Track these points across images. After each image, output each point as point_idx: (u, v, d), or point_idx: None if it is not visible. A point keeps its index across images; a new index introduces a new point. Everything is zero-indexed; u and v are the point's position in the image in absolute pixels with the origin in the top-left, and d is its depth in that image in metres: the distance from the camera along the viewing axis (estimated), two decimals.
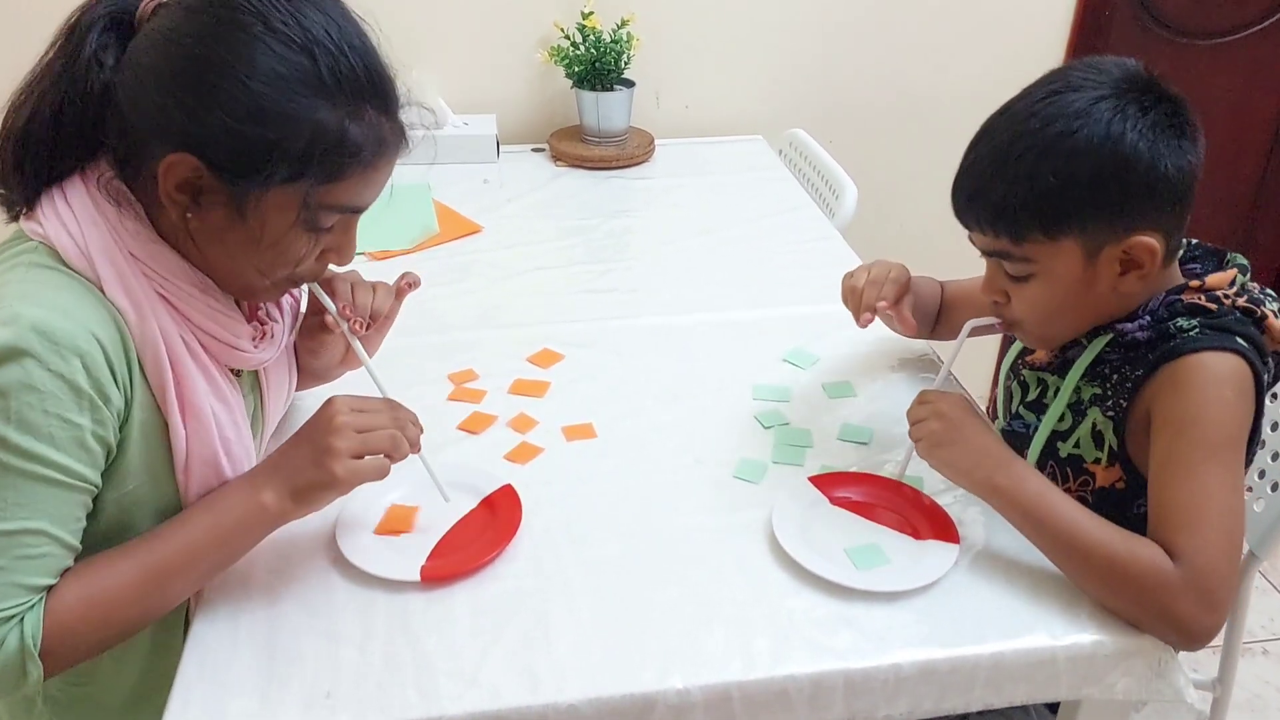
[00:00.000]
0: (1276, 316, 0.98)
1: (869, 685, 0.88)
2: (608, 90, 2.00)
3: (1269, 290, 1.02)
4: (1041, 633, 0.90)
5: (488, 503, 1.04)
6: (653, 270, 1.62)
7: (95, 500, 0.85)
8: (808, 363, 1.33)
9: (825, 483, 1.08)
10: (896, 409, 1.22)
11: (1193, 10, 2.25)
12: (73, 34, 0.84)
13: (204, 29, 0.80)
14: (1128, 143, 0.92)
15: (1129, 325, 1.00)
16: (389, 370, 1.09)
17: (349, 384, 1.21)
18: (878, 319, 1.19)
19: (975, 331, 1.08)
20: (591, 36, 1.98)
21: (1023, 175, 0.94)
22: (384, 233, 1.67)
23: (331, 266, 0.96)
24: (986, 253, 1.02)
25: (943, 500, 1.05)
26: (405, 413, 0.94)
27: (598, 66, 1.98)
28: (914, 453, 1.05)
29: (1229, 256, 1.04)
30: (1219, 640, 1.31)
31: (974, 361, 1.33)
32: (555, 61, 2.00)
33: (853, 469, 1.11)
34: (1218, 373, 0.94)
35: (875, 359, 1.34)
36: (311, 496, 0.88)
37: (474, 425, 1.19)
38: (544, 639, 0.89)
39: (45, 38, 0.87)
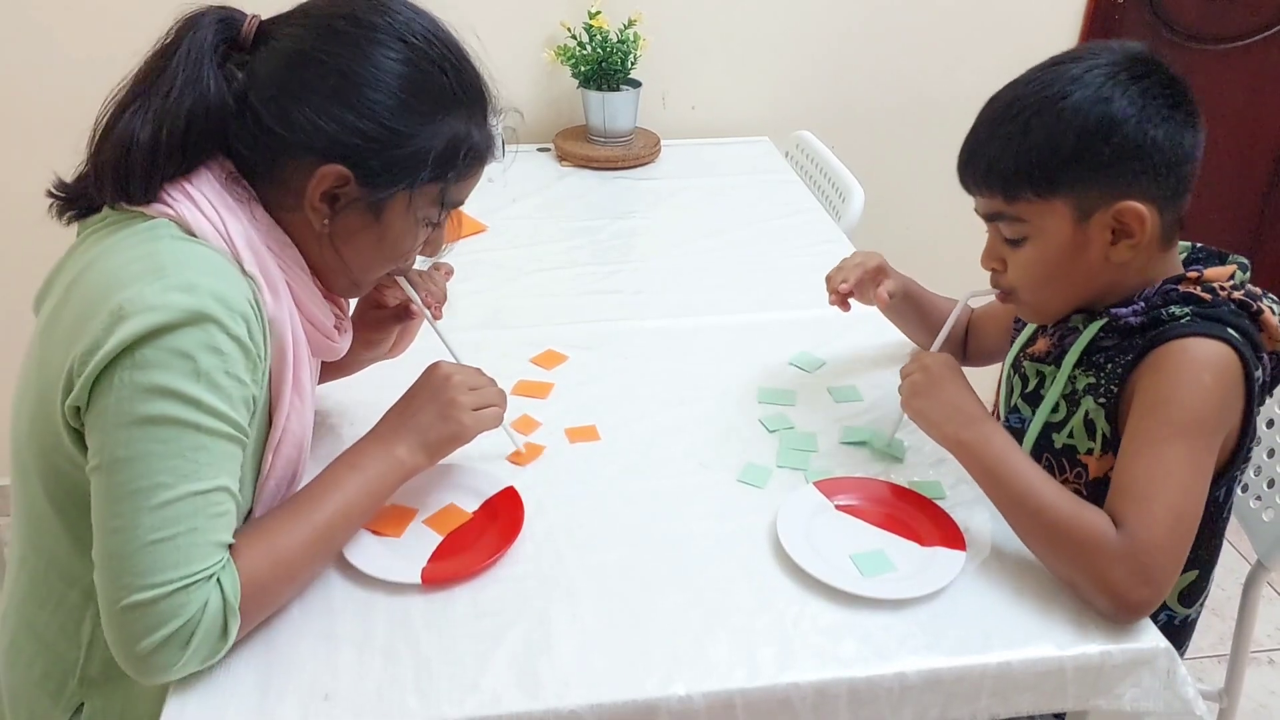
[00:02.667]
0: (1274, 315, 0.99)
1: (874, 694, 0.87)
2: (614, 90, 1.99)
3: (1270, 294, 1.02)
4: (1049, 642, 0.89)
5: (489, 505, 1.04)
6: (658, 272, 1.61)
7: None
8: (814, 366, 1.32)
9: (830, 488, 1.07)
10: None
11: (1203, 15, 2.24)
12: (188, 48, 0.87)
13: (348, 47, 0.87)
14: (1116, 106, 0.95)
15: (1123, 310, 1.01)
16: (392, 369, 1.09)
17: (348, 387, 1.20)
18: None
19: (995, 325, 1.14)
20: (598, 36, 1.97)
21: (1015, 133, 0.98)
22: None
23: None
24: (985, 216, 1.05)
25: (950, 506, 1.04)
26: (490, 376, 1.04)
27: (604, 66, 1.97)
28: (905, 416, 1.07)
29: (1230, 257, 1.05)
30: (1225, 650, 1.31)
31: (985, 372, 1.34)
32: (562, 61, 2.00)
33: (858, 474, 1.10)
34: (1199, 357, 0.95)
35: (881, 363, 1.33)
36: (441, 448, 0.99)
37: None
38: (546, 644, 0.88)
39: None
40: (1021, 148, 0.97)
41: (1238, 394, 0.96)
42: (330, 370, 1.15)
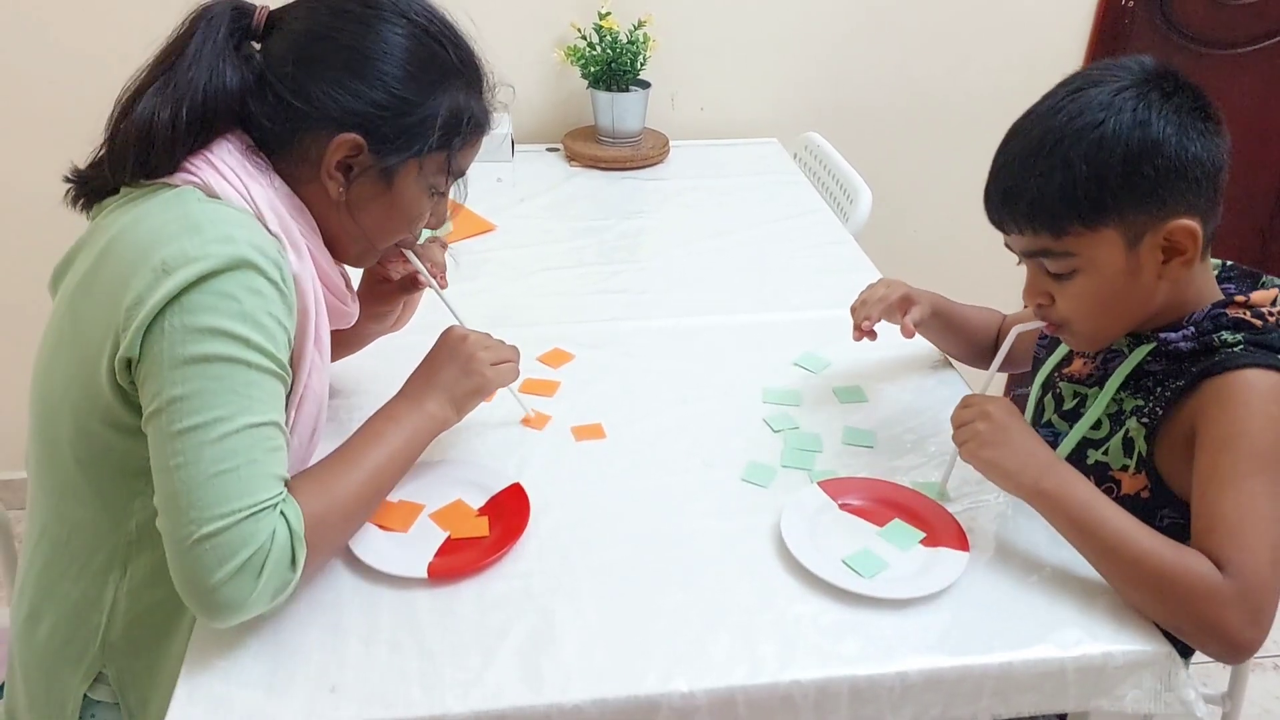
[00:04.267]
0: None
1: (875, 692, 0.87)
2: (623, 91, 2.00)
3: None
4: (1051, 643, 0.90)
5: (495, 501, 1.04)
6: (665, 272, 1.61)
7: None
8: (819, 367, 1.33)
9: (834, 488, 1.07)
10: (907, 414, 1.22)
11: (1212, 20, 2.24)
12: (204, 35, 0.93)
13: (359, 25, 0.94)
14: (1155, 126, 0.93)
15: (1173, 335, 0.99)
16: (398, 368, 1.10)
17: (354, 367, 1.21)
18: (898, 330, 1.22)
19: (1022, 338, 1.10)
20: (608, 37, 1.98)
21: (1056, 167, 0.95)
22: None
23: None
24: (1026, 254, 1.02)
25: (954, 508, 1.05)
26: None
27: (614, 67, 1.98)
28: (957, 462, 1.04)
29: (1264, 279, 1.04)
30: None
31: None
32: (571, 61, 2.00)
33: (863, 474, 1.11)
34: (1263, 390, 0.94)
35: (887, 364, 1.33)
36: (467, 400, 1.05)
37: (483, 422, 1.18)
38: (549, 639, 0.89)
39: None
40: (1065, 181, 0.94)
41: None
42: (338, 347, 1.16)
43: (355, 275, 1.15)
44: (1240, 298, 0.99)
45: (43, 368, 0.96)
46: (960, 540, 1.00)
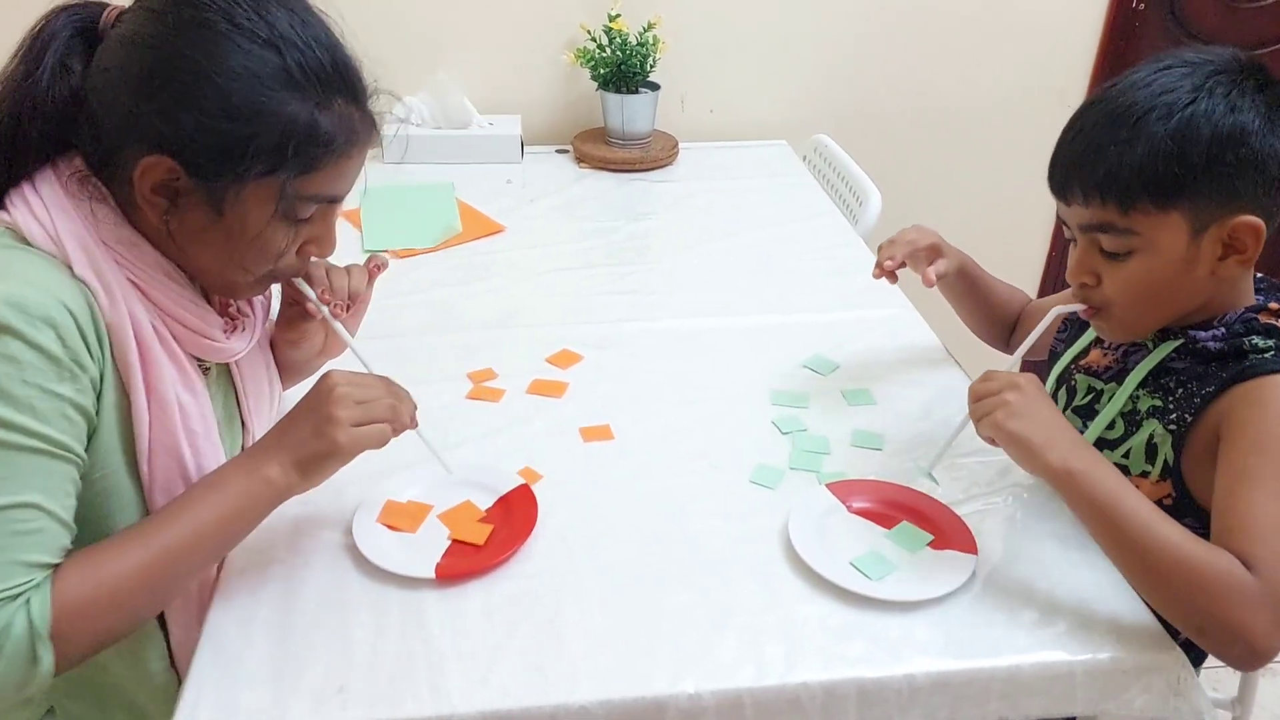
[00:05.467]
0: None
1: (882, 695, 0.87)
2: (633, 93, 2.00)
3: None
4: (1059, 647, 0.89)
5: (503, 502, 1.04)
6: (673, 274, 1.61)
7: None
8: (828, 369, 1.33)
9: (843, 490, 1.07)
10: (916, 417, 1.22)
11: (1223, 23, 2.23)
12: (34, 44, 0.85)
13: (171, 31, 0.82)
14: (1246, 115, 0.91)
15: (1202, 334, 0.98)
16: (406, 367, 1.10)
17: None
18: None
19: (1000, 292, 1.10)
20: (618, 39, 1.98)
21: (1140, 138, 0.92)
22: (407, 231, 1.68)
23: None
24: (1085, 227, 0.99)
25: (963, 511, 1.04)
26: (398, 386, 0.94)
27: (623, 69, 1.98)
28: (953, 442, 1.03)
29: None
30: None
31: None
32: (581, 63, 2.01)
33: (871, 477, 1.10)
34: None
35: (896, 366, 1.33)
36: (316, 467, 0.88)
37: (491, 423, 1.19)
38: (556, 640, 0.89)
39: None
40: (1147, 153, 0.91)
41: None
42: (286, 375, 1.13)
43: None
44: (1275, 305, 0.98)
45: None
46: (968, 543, 0.99)
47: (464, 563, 0.96)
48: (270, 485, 0.87)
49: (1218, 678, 1.82)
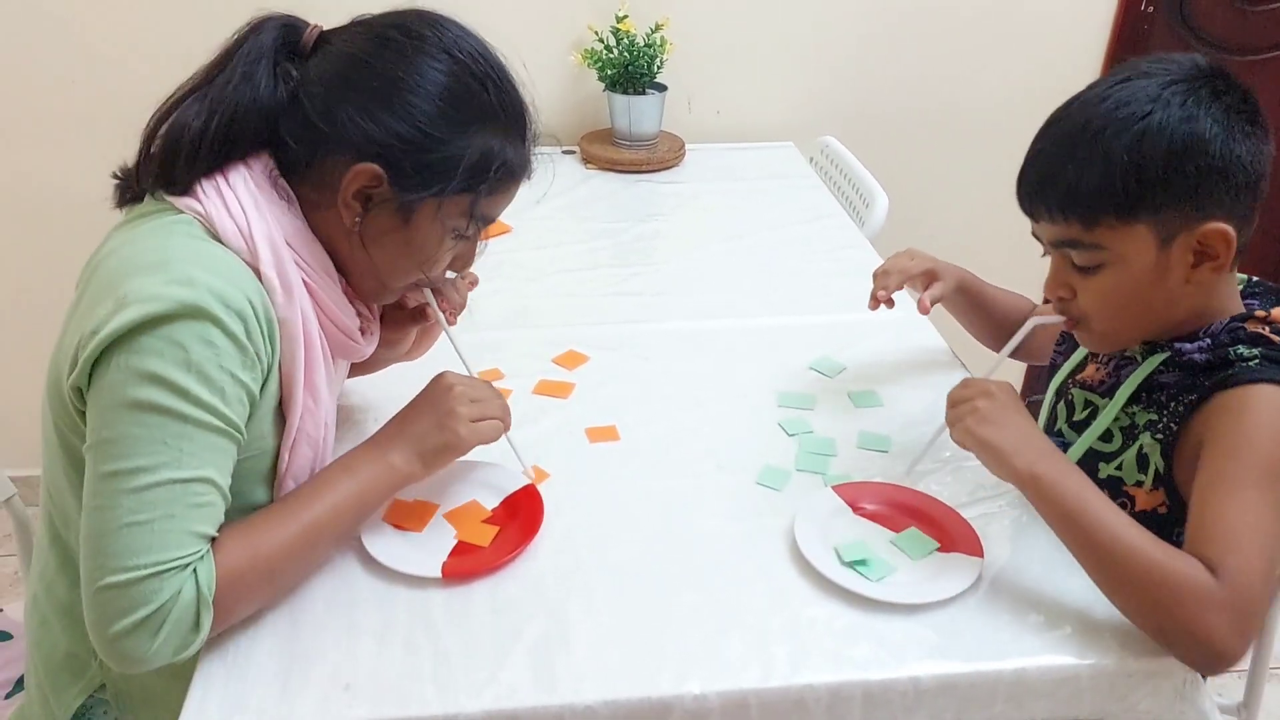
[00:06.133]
0: None
1: (887, 697, 0.87)
2: (640, 94, 2.00)
3: None
4: (1065, 650, 0.89)
5: (510, 502, 1.05)
6: (680, 275, 1.62)
7: None
8: (834, 371, 1.33)
9: (849, 492, 1.07)
10: (922, 419, 1.22)
11: (1233, 26, 2.23)
12: (249, 49, 0.92)
13: (396, 53, 0.91)
14: (1202, 124, 0.91)
15: (1188, 345, 0.98)
16: (414, 366, 1.10)
17: (374, 384, 1.22)
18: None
19: (1044, 331, 1.08)
20: (625, 40, 1.98)
21: (1097, 156, 0.93)
22: None
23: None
24: (1054, 243, 1.00)
25: (969, 513, 1.04)
26: (497, 390, 1.04)
27: (630, 70, 1.98)
28: (930, 447, 1.04)
29: None
30: (1245, 665, 1.30)
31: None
32: (588, 64, 2.01)
33: (877, 479, 1.10)
34: (1276, 405, 0.92)
35: (902, 368, 1.33)
36: (437, 458, 0.98)
37: None
38: (562, 640, 0.89)
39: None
40: (1105, 171, 0.92)
41: None
42: (353, 368, 1.16)
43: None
44: (1261, 313, 0.98)
45: (48, 376, 0.95)
46: (974, 546, 0.99)
47: (470, 562, 0.97)
48: (395, 471, 0.96)
49: (1223, 683, 1.81)
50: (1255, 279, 1.06)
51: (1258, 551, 0.86)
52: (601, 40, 2.01)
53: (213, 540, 0.85)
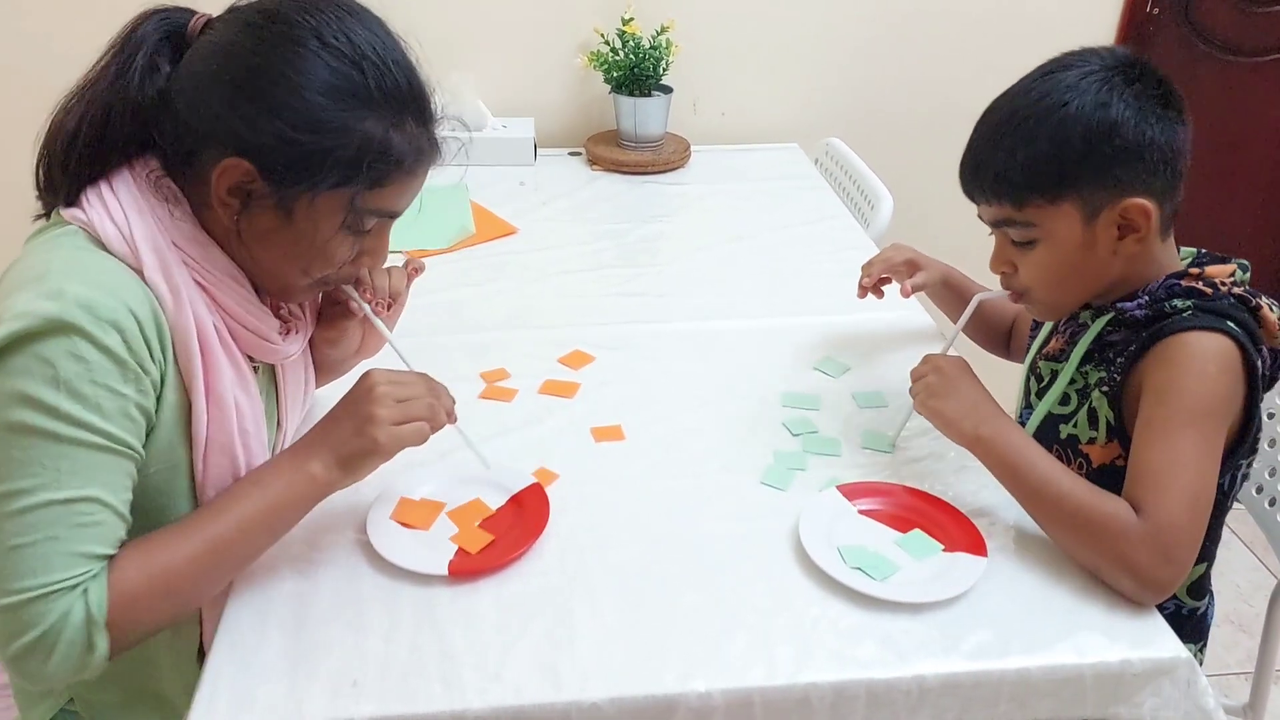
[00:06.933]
0: (1272, 311, 1.03)
1: (891, 696, 0.88)
2: (645, 96, 2.01)
3: (1268, 296, 1.06)
4: (1069, 649, 0.90)
5: (516, 501, 1.05)
6: (685, 275, 1.62)
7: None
8: (839, 371, 1.33)
9: (853, 492, 1.07)
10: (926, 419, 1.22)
11: (1238, 28, 2.23)
12: (126, 44, 0.88)
13: (262, 43, 0.85)
14: (1115, 109, 0.99)
15: (1129, 304, 1.05)
16: (420, 366, 1.10)
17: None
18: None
19: (986, 305, 1.19)
20: (631, 42, 1.99)
21: (1020, 143, 1.02)
22: (422, 233, 1.68)
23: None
24: (993, 223, 1.09)
25: (972, 513, 1.05)
26: (437, 384, 0.97)
27: (636, 72, 1.99)
28: (911, 414, 1.12)
29: (1232, 259, 1.09)
30: (1250, 666, 1.30)
31: (1006, 374, 1.35)
32: (594, 66, 2.02)
33: (881, 479, 1.11)
34: (1203, 348, 0.99)
35: (907, 369, 1.33)
36: (357, 464, 0.91)
37: (503, 423, 1.20)
38: (568, 638, 0.90)
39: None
40: (1028, 155, 1.01)
41: (1239, 383, 1.00)
42: (321, 374, 1.15)
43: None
44: (1195, 270, 1.04)
45: None
46: (978, 545, 1.00)
47: (476, 560, 0.97)
48: (314, 481, 0.90)
49: (1229, 685, 1.81)
50: (1204, 251, 1.10)
51: (1181, 488, 0.94)
52: (607, 42, 2.02)
53: (111, 559, 0.82)
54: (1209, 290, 1.02)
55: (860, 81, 2.21)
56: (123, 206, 0.86)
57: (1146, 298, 1.04)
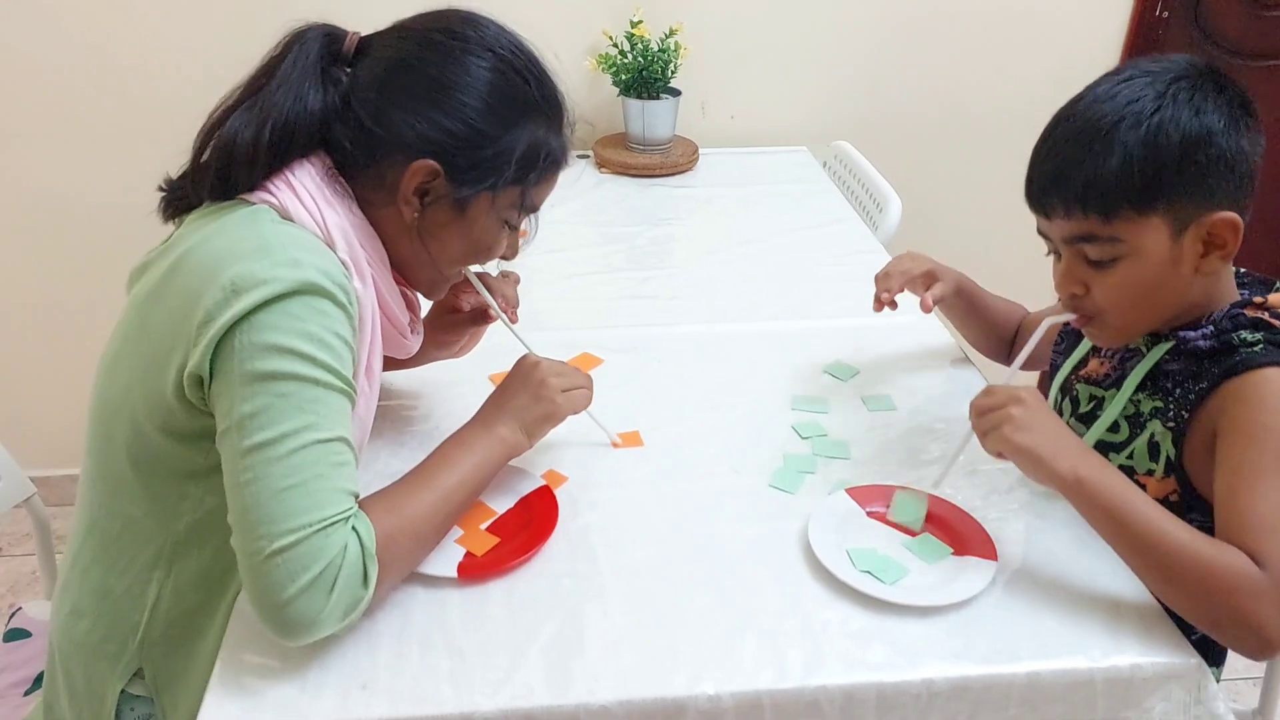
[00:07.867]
0: None
1: (901, 700, 0.87)
2: (654, 99, 2.01)
3: None
4: (1079, 654, 0.89)
5: (524, 503, 1.06)
6: (694, 278, 1.62)
7: None
8: (848, 375, 1.33)
9: (862, 495, 1.07)
10: (937, 423, 1.22)
11: (1248, 30, 2.22)
12: (292, 59, 0.96)
13: (444, 56, 0.96)
14: (1211, 117, 0.95)
15: (1191, 334, 1.00)
16: (430, 369, 1.11)
17: (409, 377, 1.23)
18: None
19: (995, 311, 1.14)
20: (639, 45, 1.99)
21: (1113, 149, 0.95)
22: None
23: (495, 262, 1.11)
24: (1067, 240, 1.01)
25: (982, 516, 1.04)
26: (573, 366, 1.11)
27: (645, 75, 1.99)
28: (957, 458, 1.05)
29: (1278, 284, 1.05)
30: (1259, 671, 1.29)
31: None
32: (603, 69, 2.02)
33: (891, 482, 1.11)
34: None
35: (916, 373, 1.33)
36: (538, 426, 1.05)
37: None
38: (577, 640, 0.90)
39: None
40: (1121, 164, 0.94)
41: None
42: (392, 363, 1.19)
43: (425, 307, 1.17)
44: (1258, 299, 1.00)
45: (106, 367, 0.98)
46: (989, 549, 0.99)
47: (485, 563, 0.97)
48: (503, 443, 1.02)
49: (1238, 690, 1.81)
50: (1243, 270, 1.08)
51: None
52: (616, 45, 2.02)
53: (355, 499, 0.88)
54: (1277, 322, 0.98)
55: (868, 85, 2.21)
56: (311, 194, 0.94)
57: (1211, 328, 0.99)
